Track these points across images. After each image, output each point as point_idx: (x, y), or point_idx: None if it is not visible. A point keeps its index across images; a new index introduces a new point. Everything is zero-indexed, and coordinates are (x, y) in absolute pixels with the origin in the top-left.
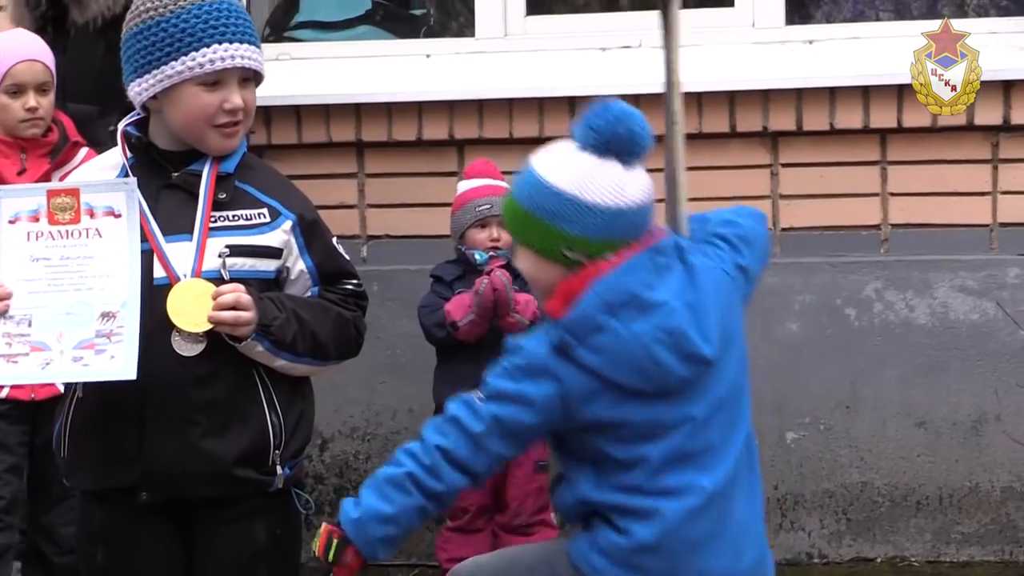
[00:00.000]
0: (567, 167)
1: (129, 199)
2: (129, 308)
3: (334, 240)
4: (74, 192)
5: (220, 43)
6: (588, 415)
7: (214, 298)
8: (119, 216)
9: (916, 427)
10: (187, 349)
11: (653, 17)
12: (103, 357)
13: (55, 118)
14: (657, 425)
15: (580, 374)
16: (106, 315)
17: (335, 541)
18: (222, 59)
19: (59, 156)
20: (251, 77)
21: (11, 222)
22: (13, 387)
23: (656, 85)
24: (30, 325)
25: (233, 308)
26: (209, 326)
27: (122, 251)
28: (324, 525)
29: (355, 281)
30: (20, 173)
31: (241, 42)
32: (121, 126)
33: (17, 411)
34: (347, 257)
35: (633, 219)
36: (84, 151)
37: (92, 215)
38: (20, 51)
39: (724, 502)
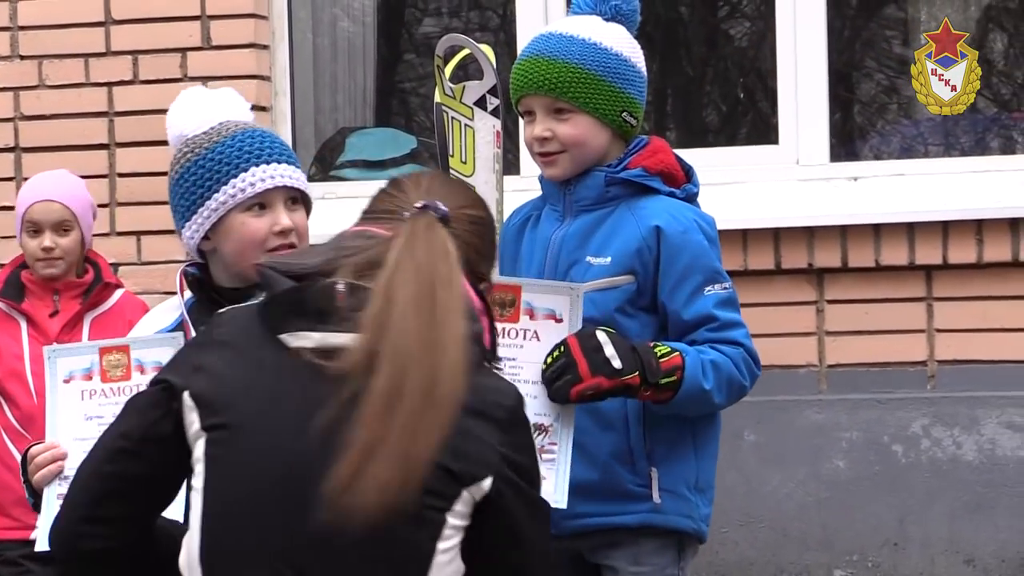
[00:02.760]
0: (609, 33)
1: None
2: None
3: None
4: (125, 349)
5: (258, 165)
6: None
7: None
8: None
9: (965, 564)
10: None
11: None
12: None
13: (90, 259)
14: None
15: None
16: None
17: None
18: (262, 180)
19: (91, 297)
20: (298, 199)
21: (65, 381)
22: None
23: None
24: None
25: None
26: None
27: None
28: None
29: None
30: (52, 315)
31: (280, 162)
32: (180, 269)
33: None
34: None
35: None
36: (119, 292)
37: (143, 371)
38: (38, 192)
39: None
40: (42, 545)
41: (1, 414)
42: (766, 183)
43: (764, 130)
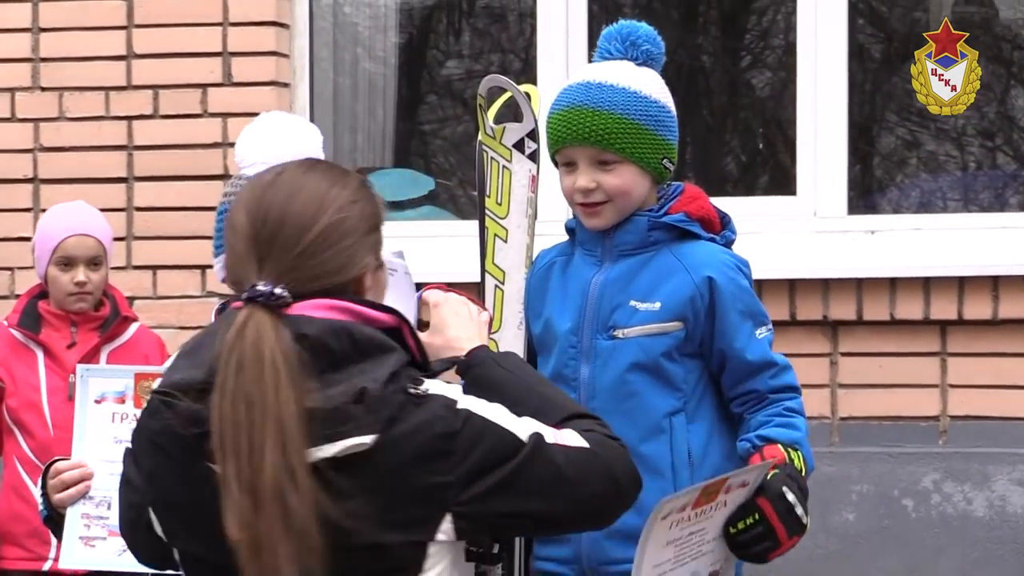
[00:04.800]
0: (645, 79)
1: None
2: None
3: None
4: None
5: None
6: None
7: None
8: None
9: None
10: None
11: None
12: None
13: (106, 292)
14: None
15: None
16: None
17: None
18: None
19: (109, 330)
20: None
21: (97, 402)
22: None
23: None
24: (109, 508)
25: None
26: None
27: None
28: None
29: None
30: (70, 346)
31: None
32: (215, 306)
33: None
34: None
35: None
36: (135, 326)
37: None
38: (72, 225)
39: None
40: (66, 562)
41: (16, 445)
42: (783, 234)
43: (782, 181)
